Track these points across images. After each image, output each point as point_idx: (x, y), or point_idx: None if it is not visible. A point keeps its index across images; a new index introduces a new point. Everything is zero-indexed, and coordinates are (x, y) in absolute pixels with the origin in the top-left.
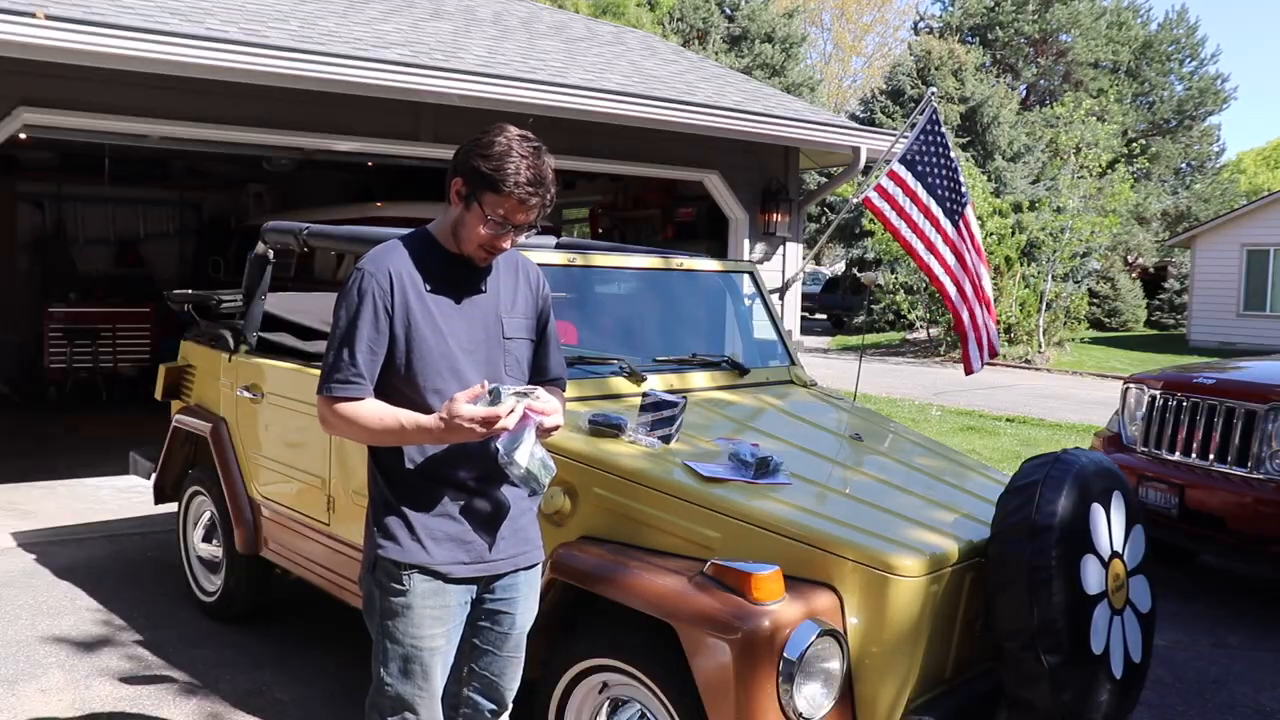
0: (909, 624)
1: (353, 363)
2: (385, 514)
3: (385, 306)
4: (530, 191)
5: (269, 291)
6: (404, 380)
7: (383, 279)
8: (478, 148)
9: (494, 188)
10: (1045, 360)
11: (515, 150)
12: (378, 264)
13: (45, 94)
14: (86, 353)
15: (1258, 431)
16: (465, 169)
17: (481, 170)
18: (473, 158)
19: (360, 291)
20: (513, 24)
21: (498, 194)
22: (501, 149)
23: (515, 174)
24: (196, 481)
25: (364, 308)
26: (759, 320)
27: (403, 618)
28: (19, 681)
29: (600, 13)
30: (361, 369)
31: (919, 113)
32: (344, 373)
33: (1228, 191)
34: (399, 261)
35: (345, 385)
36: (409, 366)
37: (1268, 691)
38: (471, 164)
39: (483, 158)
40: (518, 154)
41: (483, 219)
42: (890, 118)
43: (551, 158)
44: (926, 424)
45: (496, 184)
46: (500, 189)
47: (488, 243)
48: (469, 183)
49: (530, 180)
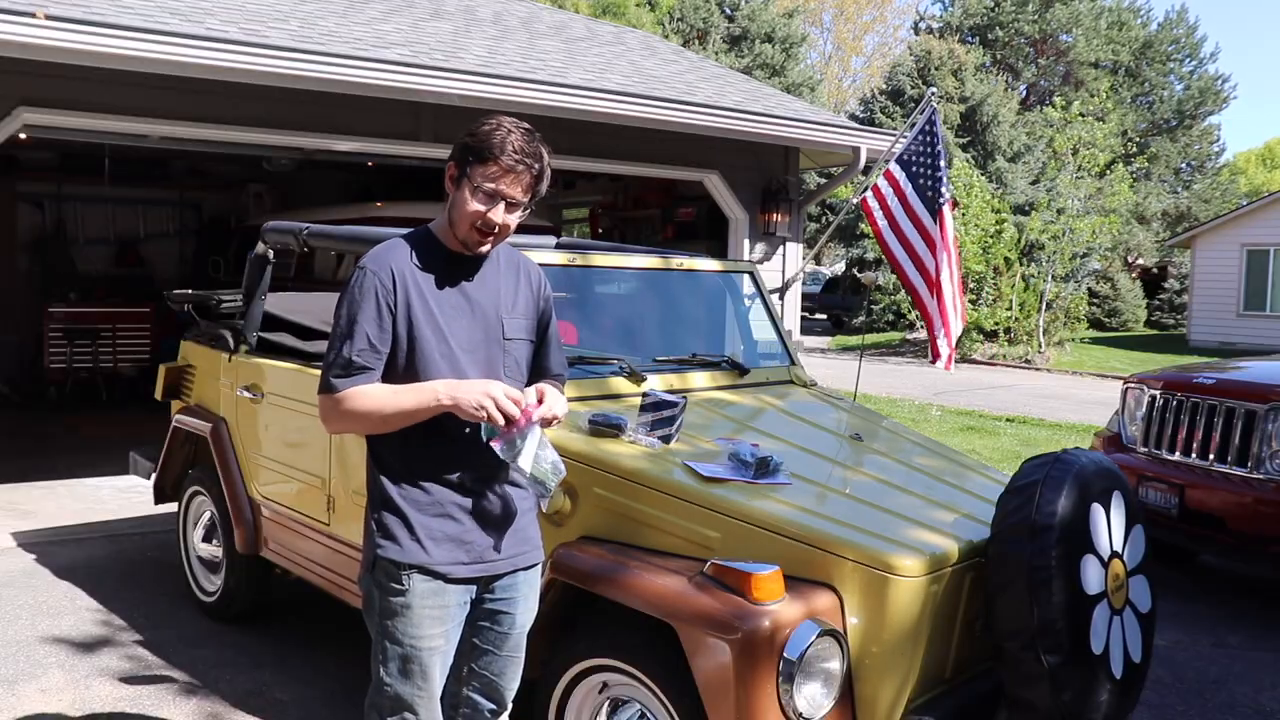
0: (909, 624)
1: (358, 358)
2: (385, 513)
3: (389, 304)
4: (518, 159)
5: (269, 291)
6: (405, 380)
7: (385, 277)
8: (468, 132)
9: (480, 156)
10: (1045, 360)
11: (505, 124)
12: (380, 262)
13: (45, 94)
14: (86, 353)
15: (1258, 431)
16: (455, 152)
17: (469, 144)
18: (462, 139)
19: (363, 289)
20: (513, 24)
21: (484, 162)
22: (491, 125)
23: (503, 142)
24: (196, 481)
25: (367, 305)
26: (759, 320)
27: (402, 617)
28: (19, 681)
29: (600, 13)
30: (367, 364)
31: (919, 113)
32: (347, 368)
33: (1228, 191)
34: (401, 259)
35: (348, 379)
36: (409, 365)
37: (1268, 691)
38: (461, 143)
39: (470, 135)
40: (506, 127)
41: (474, 192)
42: (890, 118)
43: (548, 147)
44: (926, 424)
45: (482, 151)
46: (486, 155)
47: (480, 219)
48: (459, 162)
49: (519, 148)
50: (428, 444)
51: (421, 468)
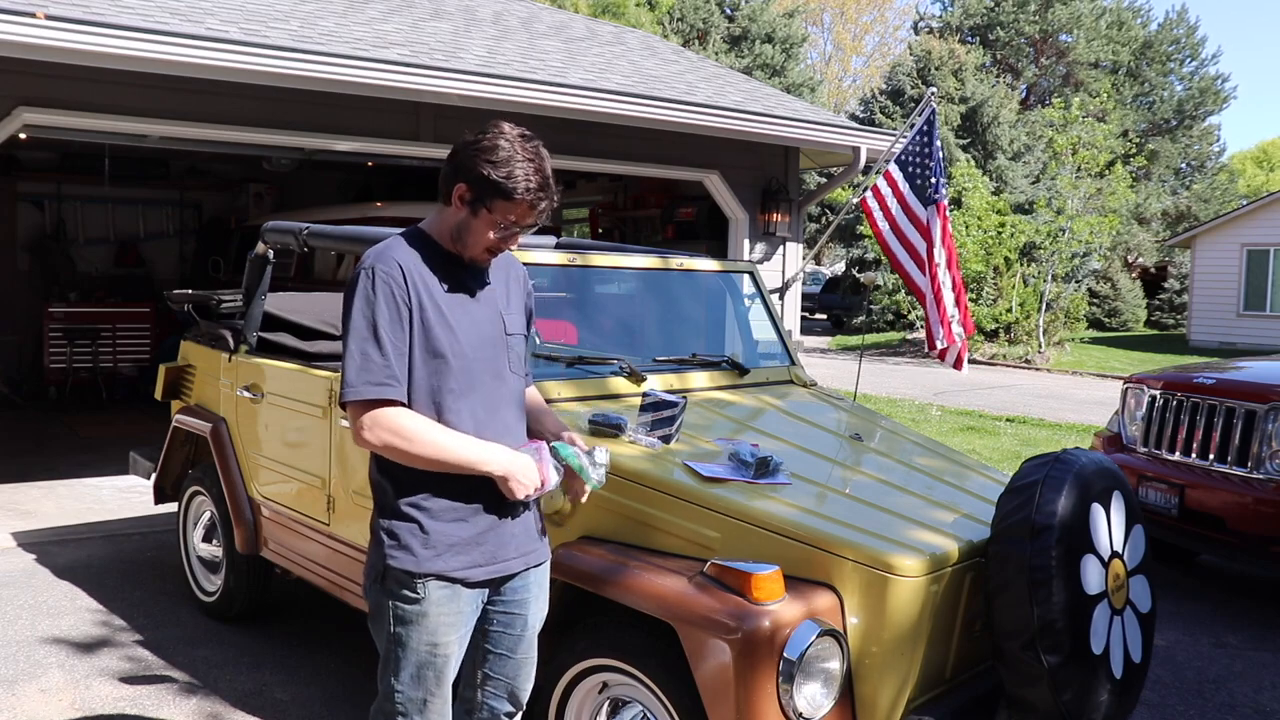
0: (909, 624)
1: (383, 361)
2: (395, 522)
3: (403, 299)
4: (540, 196)
5: (269, 291)
6: (414, 379)
7: (395, 273)
8: (480, 153)
9: (505, 195)
10: (1045, 360)
11: (520, 154)
12: (386, 259)
13: (45, 94)
14: (86, 353)
15: (1258, 431)
16: (471, 175)
17: (491, 178)
18: (479, 164)
19: (375, 287)
20: (513, 24)
21: (509, 201)
22: (506, 154)
23: (525, 180)
24: (196, 481)
25: (381, 302)
26: (759, 320)
27: (417, 626)
28: (19, 681)
29: (600, 12)
30: (393, 368)
31: (918, 113)
32: (373, 373)
33: (1227, 191)
34: (406, 257)
35: (378, 386)
36: (420, 364)
37: (1268, 691)
38: (479, 171)
39: (489, 164)
40: (522, 157)
41: (493, 224)
42: (890, 118)
43: (548, 153)
44: (926, 424)
45: (508, 192)
46: (512, 196)
47: (495, 246)
48: (475, 189)
49: (539, 185)
50: None
51: (430, 473)
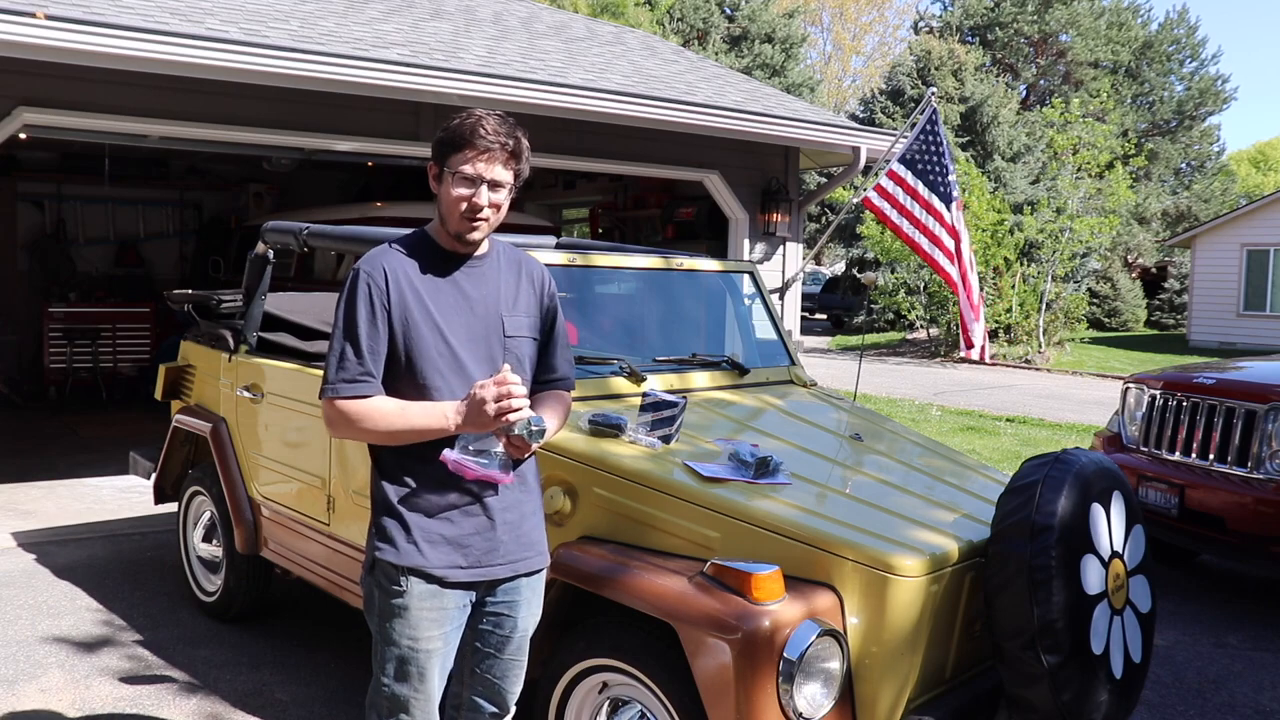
0: (909, 624)
1: (358, 361)
2: (384, 516)
3: (382, 304)
4: (492, 139)
5: (269, 291)
6: (405, 378)
7: (378, 277)
8: (440, 129)
9: (455, 145)
10: (1045, 360)
11: (475, 112)
12: (373, 263)
13: (45, 94)
14: (86, 353)
15: (1258, 431)
16: (433, 151)
17: (443, 138)
18: (437, 136)
19: (356, 291)
20: (513, 24)
21: (460, 150)
22: (461, 117)
23: (475, 126)
24: (196, 481)
25: (360, 307)
26: (759, 320)
27: (400, 619)
28: (19, 681)
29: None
30: (368, 366)
31: (919, 112)
32: (348, 371)
33: (1227, 191)
34: (394, 260)
35: (351, 384)
36: (409, 364)
37: (1268, 691)
38: (436, 140)
39: (443, 130)
40: (477, 115)
41: (459, 184)
42: (890, 118)
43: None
44: (926, 424)
45: (456, 140)
46: (460, 143)
47: (466, 204)
48: (438, 158)
49: (492, 130)
50: (426, 448)
51: (420, 471)
